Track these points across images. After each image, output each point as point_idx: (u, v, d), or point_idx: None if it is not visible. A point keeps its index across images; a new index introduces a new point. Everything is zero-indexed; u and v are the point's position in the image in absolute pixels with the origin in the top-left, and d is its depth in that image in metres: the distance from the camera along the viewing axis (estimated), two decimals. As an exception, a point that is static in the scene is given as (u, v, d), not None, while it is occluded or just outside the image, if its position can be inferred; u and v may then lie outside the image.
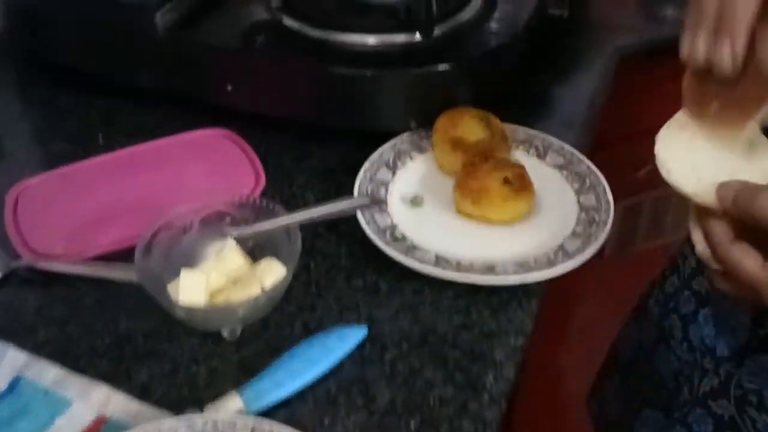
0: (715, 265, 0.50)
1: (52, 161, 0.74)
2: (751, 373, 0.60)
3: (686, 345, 0.69)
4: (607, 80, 0.91)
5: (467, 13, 0.76)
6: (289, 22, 0.75)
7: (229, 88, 0.75)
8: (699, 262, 0.69)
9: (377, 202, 0.64)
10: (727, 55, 0.46)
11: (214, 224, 0.60)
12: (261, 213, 0.60)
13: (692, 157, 0.51)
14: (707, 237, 0.50)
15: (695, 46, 0.47)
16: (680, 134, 0.53)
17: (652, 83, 1.00)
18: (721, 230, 0.48)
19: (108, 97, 0.83)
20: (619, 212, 0.68)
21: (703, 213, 0.50)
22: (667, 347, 0.72)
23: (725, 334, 0.65)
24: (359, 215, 0.64)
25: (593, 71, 0.91)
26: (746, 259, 0.47)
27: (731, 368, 0.62)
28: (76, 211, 0.68)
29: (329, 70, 0.71)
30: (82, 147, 0.77)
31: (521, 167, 0.69)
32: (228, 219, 0.61)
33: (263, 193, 0.70)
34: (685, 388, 0.67)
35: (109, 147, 0.75)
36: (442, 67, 0.70)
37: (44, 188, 0.70)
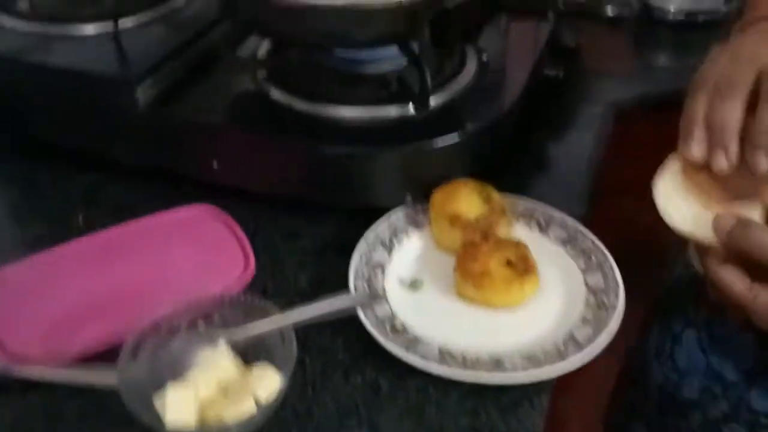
0: None
1: (29, 245, 0.70)
2: (760, 396, 0.64)
3: (670, 363, 0.72)
4: (604, 137, 0.89)
5: (462, 81, 0.73)
6: (276, 94, 0.72)
7: (215, 164, 0.72)
8: (691, 286, 0.75)
9: (376, 299, 0.60)
10: (723, 161, 0.53)
11: (203, 326, 0.57)
12: (252, 312, 0.57)
13: (687, 200, 0.56)
14: (701, 260, 0.56)
15: (691, 151, 0.55)
16: (674, 180, 0.57)
17: (648, 135, 0.98)
18: (713, 254, 0.54)
19: (88, 172, 0.79)
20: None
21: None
22: (657, 362, 0.75)
23: (731, 360, 0.67)
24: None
25: (589, 129, 0.88)
26: (735, 283, 0.53)
27: (740, 392, 0.65)
28: (54, 304, 0.64)
29: (319, 148, 0.67)
30: (61, 228, 0.73)
31: (524, 247, 0.65)
32: (217, 317, 0.57)
33: (253, 278, 0.66)
34: (697, 414, 0.69)
35: (89, 227, 0.71)
36: (439, 142, 0.67)
37: (20, 279, 0.66)
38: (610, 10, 0.55)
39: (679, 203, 0.56)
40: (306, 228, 0.73)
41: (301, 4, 0.62)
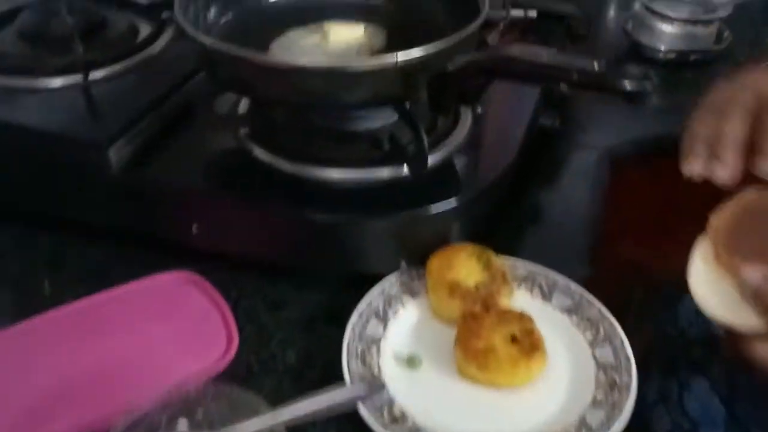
0: None
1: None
2: None
3: (680, 410, 0.70)
4: (600, 186, 0.86)
5: (457, 137, 0.69)
6: (259, 153, 0.67)
7: (194, 228, 0.67)
8: (701, 334, 0.74)
9: (376, 390, 0.55)
10: (719, 171, 0.54)
11: (185, 424, 0.51)
12: (239, 406, 0.52)
13: (722, 285, 0.53)
14: (734, 343, 0.54)
15: (690, 168, 0.55)
16: (706, 264, 0.54)
17: (644, 178, 0.95)
18: (748, 339, 0.52)
19: (55, 234, 0.73)
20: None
21: None
22: (664, 407, 0.72)
23: (759, 416, 0.67)
24: (351, 391, 0.56)
25: (584, 178, 0.85)
26: (758, 344, 0.51)
27: None
28: (20, 390, 0.58)
29: (306, 214, 0.63)
30: (26, 297, 0.68)
31: (529, 320, 0.61)
32: (201, 414, 0.52)
33: (237, 353, 0.61)
34: None
35: (56, 296, 0.66)
36: (436, 208, 0.63)
37: (-20, 361, 0.61)
38: (628, 85, 0.52)
39: (714, 289, 0.54)
40: (293, 297, 0.68)
41: (289, 66, 0.58)
